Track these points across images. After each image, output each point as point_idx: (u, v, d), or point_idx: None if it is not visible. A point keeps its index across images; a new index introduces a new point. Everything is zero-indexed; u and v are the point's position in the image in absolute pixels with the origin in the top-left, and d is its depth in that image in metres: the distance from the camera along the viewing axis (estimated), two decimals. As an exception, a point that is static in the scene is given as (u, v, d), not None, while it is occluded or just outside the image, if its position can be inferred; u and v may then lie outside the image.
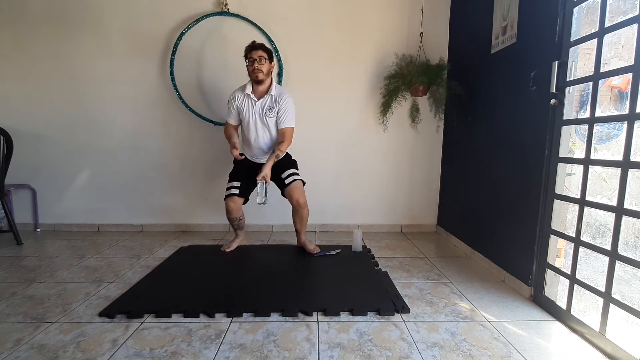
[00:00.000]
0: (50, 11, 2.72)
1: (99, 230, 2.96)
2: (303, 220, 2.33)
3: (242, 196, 2.28)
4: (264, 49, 2.13)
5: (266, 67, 2.13)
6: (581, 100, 1.99)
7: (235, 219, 2.34)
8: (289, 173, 2.26)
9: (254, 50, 2.10)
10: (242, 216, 2.39)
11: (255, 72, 2.11)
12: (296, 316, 1.56)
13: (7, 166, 2.50)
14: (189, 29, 2.70)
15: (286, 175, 2.25)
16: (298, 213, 2.29)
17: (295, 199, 2.22)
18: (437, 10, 2.79)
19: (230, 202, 2.25)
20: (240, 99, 2.21)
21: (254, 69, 2.10)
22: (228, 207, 2.26)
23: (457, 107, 2.57)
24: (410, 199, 3.00)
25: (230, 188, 2.27)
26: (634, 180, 1.32)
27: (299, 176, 2.29)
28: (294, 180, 2.25)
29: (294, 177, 2.26)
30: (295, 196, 2.22)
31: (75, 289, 1.83)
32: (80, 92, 2.80)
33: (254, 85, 2.18)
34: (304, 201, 2.26)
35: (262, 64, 2.10)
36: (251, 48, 2.12)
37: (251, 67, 2.11)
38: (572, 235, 1.51)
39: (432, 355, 1.29)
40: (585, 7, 1.53)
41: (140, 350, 1.31)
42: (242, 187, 2.26)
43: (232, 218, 2.33)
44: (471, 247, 2.38)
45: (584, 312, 1.55)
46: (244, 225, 2.47)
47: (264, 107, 2.18)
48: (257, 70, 2.10)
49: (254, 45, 2.13)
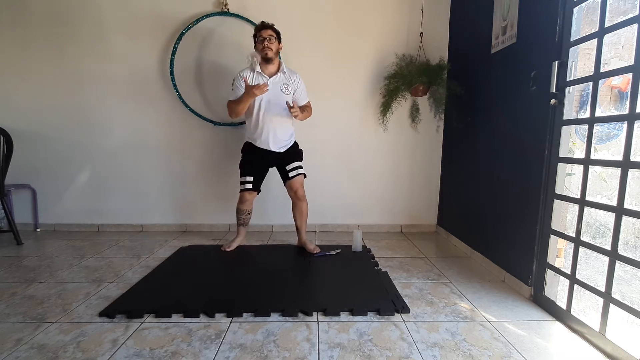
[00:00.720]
0: (50, 11, 2.72)
1: (99, 230, 2.96)
2: (303, 214, 2.37)
3: (255, 189, 2.34)
4: (273, 28, 2.18)
5: (275, 46, 2.17)
6: (581, 100, 1.99)
7: (245, 211, 2.40)
8: (293, 166, 2.32)
9: (264, 29, 2.16)
10: (250, 211, 2.45)
11: (264, 49, 2.14)
12: (296, 316, 1.56)
13: (7, 166, 2.50)
14: (189, 29, 2.70)
15: (291, 167, 2.32)
16: (297, 206, 2.35)
17: (294, 190, 2.31)
18: (437, 10, 2.79)
19: (247, 194, 2.33)
20: (250, 76, 2.21)
21: (263, 47, 2.14)
22: (243, 198, 2.33)
23: (457, 107, 2.57)
24: (410, 199, 3.00)
25: (244, 183, 2.31)
26: (634, 180, 1.32)
27: (302, 170, 2.36)
28: (298, 175, 2.32)
29: (298, 170, 2.33)
30: (294, 187, 2.31)
31: (75, 289, 1.83)
32: (80, 92, 2.80)
33: (262, 64, 2.21)
34: (303, 194, 2.34)
35: (271, 42, 2.15)
36: (261, 27, 2.17)
37: (261, 45, 2.15)
38: (572, 235, 1.51)
39: (432, 355, 1.29)
40: (585, 7, 1.53)
41: (140, 350, 1.31)
42: (255, 181, 2.32)
43: (242, 210, 2.39)
44: (471, 247, 2.38)
45: (584, 312, 1.55)
46: (248, 222, 2.50)
47: (279, 84, 2.22)
48: (267, 47, 2.13)
49: (264, 24, 2.18)
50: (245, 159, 2.36)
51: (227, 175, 2.92)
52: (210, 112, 2.85)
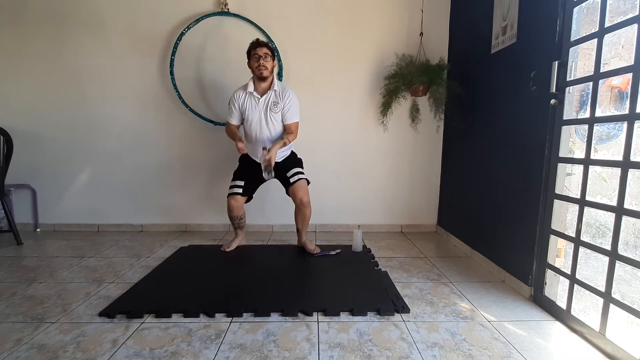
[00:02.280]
0: (50, 11, 2.72)
1: (99, 230, 2.96)
2: (305, 219, 2.33)
3: (245, 195, 2.29)
4: (268, 46, 2.15)
5: (270, 64, 2.14)
6: (581, 100, 1.99)
7: (236, 217, 2.35)
8: (294, 172, 2.27)
9: (259, 47, 2.12)
10: (242, 215, 2.39)
11: (260, 68, 2.11)
12: (296, 316, 1.56)
13: (7, 166, 2.50)
14: (189, 29, 2.70)
15: (291, 174, 2.26)
16: (301, 212, 2.29)
17: (299, 197, 2.23)
18: (437, 10, 2.79)
19: (232, 201, 2.25)
20: (242, 98, 2.21)
21: (258, 66, 2.10)
22: (229, 205, 2.27)
23: (457, 107, 2.57)
24: (410, 199, 3.00)
25: (234, 187, 2.27)
26: (634, 180, 1.32)
27: (304, 175, 2.30)
28: (299, 180, 2.25)
29: (299, 175, 2.27)
30: (299, 195, 2.23)
31: (75, 289, 1.83)
32: (81, 92, 2.80)
33: (256, 82, 2.19)
34: (308, 200, 2.27)
35: (267, 61, 2.11)
36: (256, 45, 2.13)
37: (256, 63, 2.11)
38: (572, 235, 1.51)
39: (432, 355, 1.29)
40: (585, 7, 1.53)
41: (140, 350, 1.31)
42: (245, 186, 2.28)
43: (233, 217, 2.34)
44: (471, 247, 2.37)
45: (584, 312, 1.55)
46: (244, 225, 2.47)
47: (268, 103, 2.19)
48: (262, 66, 2.10)
49: (258, 42, 2.14)
50: (240, 166, 2.36)
51: (227, 175, 2.90)
52: (210, 112, 2.85)
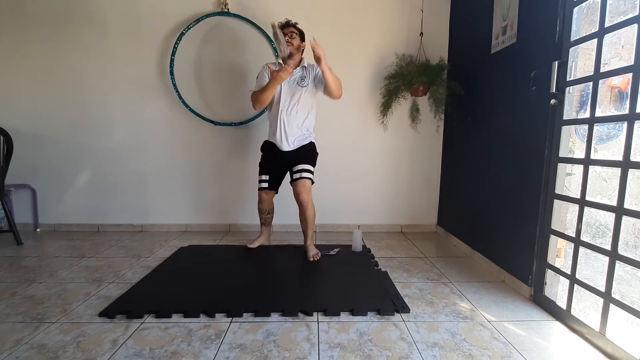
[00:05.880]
0: (50, 11, 2.72)
1: (99, 230, 2.96)
2: (307, 220, 2.28)
3: (272, 189, 2.34)
4: (296, 27, 2.25)
5: (297, 42, 2.22)
6: (581, 100, 1.99)
7: (264, 210, 2.40)
8: (301, 168, 2.24)
9: (287, 27, 2.23)
10: (271, 210, 2.43)
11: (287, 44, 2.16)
12: (296, 316, 1.56)
13: (7, 166, 2.50)
14: (189, 29, 2.70)
15: (297, 169, 2.24)
16: (300, 212, 2.28)
17: (298, 193, 2.21)
18: (437, 10, 2.79)
19: (263, 194, 2.34)
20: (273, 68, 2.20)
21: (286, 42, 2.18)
22: (260, 197, 2.34)
23: (457, 107, 2.57)
24: (410, 199, 3.00)
25: (260, 182, 2.33)
26: (634, 180, 1.32)
27: (309, 174, 2.26)
28: (301, 178, 2.22)
29: (305, 174, 2.24)
30: (298, 191, 2.21)
31: (75, 289, 1.83)
32: (80, 92, 2.80)
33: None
34: (307, 199, 2.23)
35: (293, 38, 2.20)
36: (286, 25, 2.23)
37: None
38: (572, 235, 1.51)
39: (432, 355, 1.29)
40: (585, 7, 1.53)
41: (140, 351, 1.31)
42: (270, 181, 2.32)
43: (261, 209, 2.40)
44: (471, 247, 2.38)
45: (584, 312, 1.55)
46: (271, 222, 2.49)
47: (297, 78, 2.25)
48: (288, 43, 2.17)
49: (288, 22, 2.25)
50: (262, 158, 2.39)
51: (227, 176, 2.92)
52: (210, 112, 2.84)
